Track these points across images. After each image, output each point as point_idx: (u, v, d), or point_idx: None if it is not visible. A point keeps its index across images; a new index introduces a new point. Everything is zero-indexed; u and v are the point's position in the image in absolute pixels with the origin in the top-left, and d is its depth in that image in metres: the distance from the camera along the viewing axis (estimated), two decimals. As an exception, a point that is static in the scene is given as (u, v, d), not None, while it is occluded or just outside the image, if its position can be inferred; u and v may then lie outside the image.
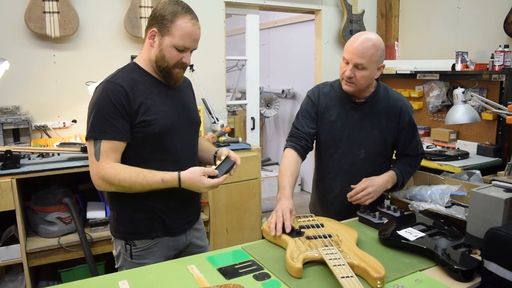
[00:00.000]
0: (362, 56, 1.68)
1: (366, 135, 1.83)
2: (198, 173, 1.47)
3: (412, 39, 4.14)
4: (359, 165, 1.85)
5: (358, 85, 1.74)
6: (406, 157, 1.93)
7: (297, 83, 5.68)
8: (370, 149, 1.84)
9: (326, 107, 1.88)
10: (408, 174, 1.90)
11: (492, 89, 3.23)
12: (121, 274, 1.34)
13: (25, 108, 2.86)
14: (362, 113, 1.83)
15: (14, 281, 2.48)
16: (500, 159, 3.08)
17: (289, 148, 1.86)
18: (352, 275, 1.14)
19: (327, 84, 1.95)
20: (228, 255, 1.44)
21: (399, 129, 1.86)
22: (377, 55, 1.70)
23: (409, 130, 1.87)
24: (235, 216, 3.06)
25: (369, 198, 1.72)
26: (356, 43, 1.69)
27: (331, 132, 1.87)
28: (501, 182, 1.44)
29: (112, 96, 1.46)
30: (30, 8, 2.71)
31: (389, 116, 1.83)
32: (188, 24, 1.50)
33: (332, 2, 4.08)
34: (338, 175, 1.89)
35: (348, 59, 1.71)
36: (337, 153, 1.88)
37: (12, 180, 2.24)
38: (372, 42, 1.69)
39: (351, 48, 1.70)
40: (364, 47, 1.68)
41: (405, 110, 1.86)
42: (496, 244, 1.14)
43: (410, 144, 1.90)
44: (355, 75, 1.71)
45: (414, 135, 1.90)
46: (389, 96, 1.86)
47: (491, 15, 3.36)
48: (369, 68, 1.70)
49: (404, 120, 1.85)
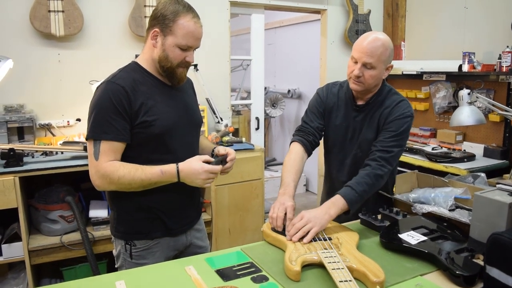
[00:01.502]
0: (371, 55, 1.66)
1: (363, 136, 1.81)
2: (195, 160, 1.50)
3: (419, 40, 4.10)
4: (358, 165, 1.83)
5: (366, 85, 1.73)
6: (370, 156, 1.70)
7: (303, 83, 5.66)
8: (364, 149, 1.80)
9: (333, 107, 1.88)
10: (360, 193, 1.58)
11: (499, 90, 3.19)
12: (118, 274, 1.33)
13: (29, 106, 2.87)
14: (363, 115, 1.81)
15: (17, 278, 2.49)
16: (507, 161, 3.04)
17: (296, 143, 1.84)
18: (350, 279, 1.12)
19: (337, 83, 1.94)
20: (227, 257, 1.42)
21: (384, 123, 1.75)
22: (385, 55, 1.69)
23: (392, 126, 1.71)
24: (237, 216, 3.05)
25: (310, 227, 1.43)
26: (365, 42, 1.67)
27: (336, 132, 1.88)
28: (506, 186, 1.41)
29: (113, 97, 1.46)
30: (35, 7, 2.72)
31: (381, 117, 1.78)
32: (190, 22, 1.49)
33: (338, 2, 4.05)
34: (341, 174, 1.89)
35: (356, 58, 1.69)
36: (341, 153, 1.88)
37: (15, 178, 2.26)
38: (381, 42, 1.67)
39: (360, 47, 1.68)
40: (373, 46, 1.66)
41: (396, 109, 1.74)
42: (498, 249, 1.12)
43: (382, 140, 1.69)
44: (364, 74, 1.70)
45: (393, 135, 1.69)
46: (389, 97, 1.80)
47: (498, 15, 3.32)
48: (377, 67, 1.69)
49: (389, 118, 1.73)
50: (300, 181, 5.43)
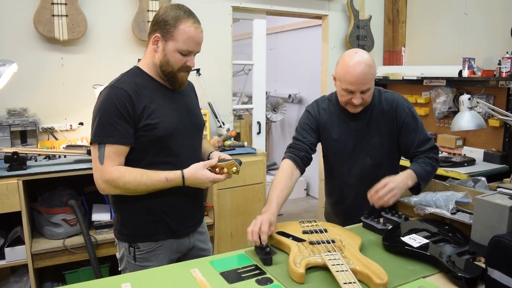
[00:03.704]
0: (366, 82, 1.67)
1: (368, 143, 1.82)
2: (200, 167, 1.53)
3: (419, 45, 4.13)
4: (367, 171, 1.84)
5: (365, 104, 1.76)
6: (418, 156, 1.79)
7: (304, 88, 5.68)
8: (375, 155, 1.83)
9: (327, 123, 1.86)
10: (427, 172, 1.72)
11: (499, 96, 3.21)
12: (124, 277, 1.34)
13: (32, 110, 2.89)
14: (362, 123, 1.82)
15: (19, 282, 2.49)
16: (506, 166, 3.05)
17: (286, 160, 1.80)
18: (354, 281, 1.13)
19: (324, 98, 1.93)
20: (231, 259, 1.44)
21: (397, 128, 1.80)
22: (374, 72, 1.72)
23: (408, 126, 1.79)
24: (239, 220, 3.06)
25: (392, 196, 1.55)
26: (356, 71, 1.64)
27: (335, 147, 1.87)
28: (506, 190, 1.43)
29: (116, 101, 1.48)
30: (39, 11, 2.74)
31: (385, 118, 1.80)
32: (191, 28, 1.51)
33: (339, 8, 4.08)
34: (349, 184, 1.88)
35: (353, 90, 1.68)
36: (344, 165, 1.88)
37: (18, 182, 2.26)
38: (368, 65, 1.66)
39: (353, 79, 1.65)
40: (364, 74, 1.65)
41: (401, 107, 1.80)
42: (500, 251, 1.13)
43: (415, 140, 1.79)
44: (363, 98, 1.71)
45: (416, 130, 1.80)
46: (382, 99, 1.83)
47: (498, 21, 3.35)
48: (371, 86, 1.72)
49: (401, 118, 1.79)
50: (301, 185, 5.51)
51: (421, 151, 1.79)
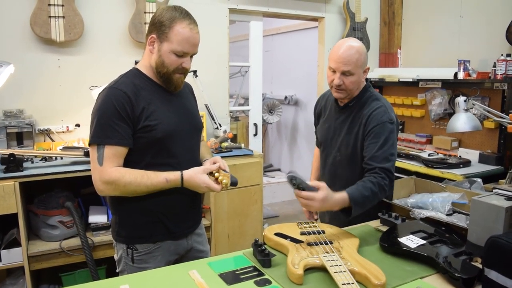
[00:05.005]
0: (348, 63, 1.72)
1: (342, 139, 1.86)
2: (199, 171, 1.54)
3: (415, 47, 4.15)
4: (336, 167, 1.90)
5: (348, 91, 1.79)
6: (368, 172, 1.68)
7: (300, 89, 5.70)
8: (343, 153, 1.85)
9: (322, 109, 2.03)
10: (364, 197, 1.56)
11: (494, 98, 3.23)
12: (122, 279, 1.35)
13: (29, 111, 2.88)
14: (344, 117, 1.87)
15: (15, 284, 2.48)
16: (502, 167, 3.07)
17: (316, 147, 2.14)
18: (353, 282, 1.14)
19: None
20: (229, 261, 1.44)
21: (363, 135, 1.77)
22: (361, 60, 1.75)
23: (371, 135, 1.72)
24: (236, 222, 3.06)
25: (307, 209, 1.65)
26: (340, 51, 1.73)
27: (322, 133, 1.99)
28: (502, 191, 1.44)
29: (115, 102, 1.48)
30: (35, 12, 2.74)
31: (360, 121, 1.80)
32: (185, 29, 1.51)
33: (335, 10, 4.10)
34: (323, 174, 1.99)
35: (334, 68, 1.75)
36: (324, 153, 1.99)
37: (15, 183, 2.25)
38: (355, 49, 1.73)
39: (336, 57, 1.74)
40: (348, 55, 1.72)
41: (376, 117, 1.74)
42: (496, 252, 1.14)
43: (371, 152, 1.69)
44: (344, 82, 1.76)
45: (377, 143, 1.69)
46: (369, 103, 1.81)
47: (493, 24, 3.37)
48: (356, 73, 1.75)
49: (370, 126, 1.74)
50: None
51: (371, 167, 1.66)
